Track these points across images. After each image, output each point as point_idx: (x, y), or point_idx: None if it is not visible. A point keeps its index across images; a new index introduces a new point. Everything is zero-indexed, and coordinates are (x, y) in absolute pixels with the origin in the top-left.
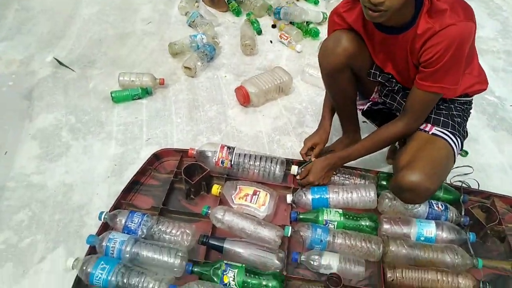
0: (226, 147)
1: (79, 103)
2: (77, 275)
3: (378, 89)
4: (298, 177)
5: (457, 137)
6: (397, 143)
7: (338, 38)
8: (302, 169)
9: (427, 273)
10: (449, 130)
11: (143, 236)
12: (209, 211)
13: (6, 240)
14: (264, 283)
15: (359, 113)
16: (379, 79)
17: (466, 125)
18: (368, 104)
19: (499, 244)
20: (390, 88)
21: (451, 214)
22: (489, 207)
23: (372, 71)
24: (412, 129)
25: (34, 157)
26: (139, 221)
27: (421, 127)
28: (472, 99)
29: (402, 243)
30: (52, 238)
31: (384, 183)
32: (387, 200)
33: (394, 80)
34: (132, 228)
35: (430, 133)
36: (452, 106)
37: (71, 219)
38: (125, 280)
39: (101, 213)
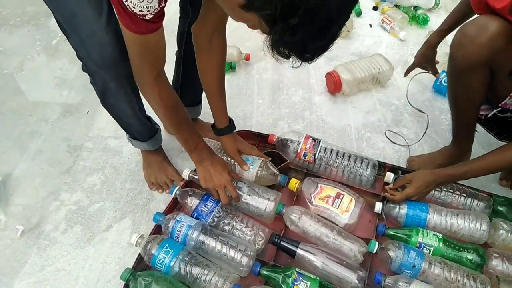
0: (311, 138)
1: None
2: (139, 253)
3: None
4: (391, 185)
5: None
6: None
7: (485, 24)
8: (398, 178)
9: None
10: None
11: (212, 224)
12: (284, 210)
13: (78, 202)
14: None
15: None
16: None
17: None
18: (496, 110)
19: None
20: None
21: None
22: None
23: None
24: None
25: (113, 121)
26: (212, 207)
27: None
28: None
29: None
30: (120, 207)
31: (501, 209)
32: (501, 231)
33: None
34: (203, 213)
35: None
36: None
37: (141, 190)
38: (187, 269)
39: (174, 187)
